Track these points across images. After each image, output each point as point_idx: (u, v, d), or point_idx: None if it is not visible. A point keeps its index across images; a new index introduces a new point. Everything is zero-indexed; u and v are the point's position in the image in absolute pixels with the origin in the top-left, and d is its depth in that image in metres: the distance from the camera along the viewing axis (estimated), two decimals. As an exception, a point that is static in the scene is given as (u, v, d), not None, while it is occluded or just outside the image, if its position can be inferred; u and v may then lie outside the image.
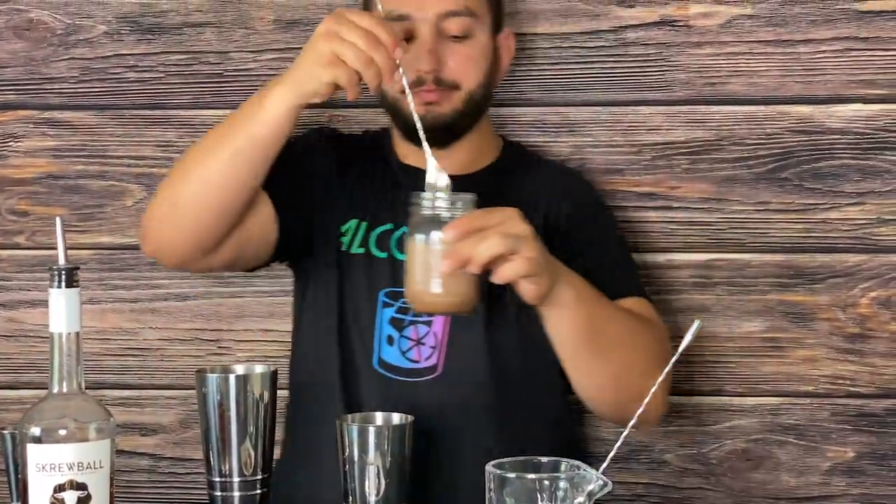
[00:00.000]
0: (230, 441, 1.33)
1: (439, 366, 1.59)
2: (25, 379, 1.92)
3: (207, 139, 1.55)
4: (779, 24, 1.78)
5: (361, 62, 1.40)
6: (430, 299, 1.35)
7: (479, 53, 1.62)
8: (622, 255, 1.69)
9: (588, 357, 1.48)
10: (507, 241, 1.31)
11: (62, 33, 1.88)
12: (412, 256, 1.35)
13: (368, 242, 1.64)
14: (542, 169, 1.73)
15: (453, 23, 1.59)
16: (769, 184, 1.79)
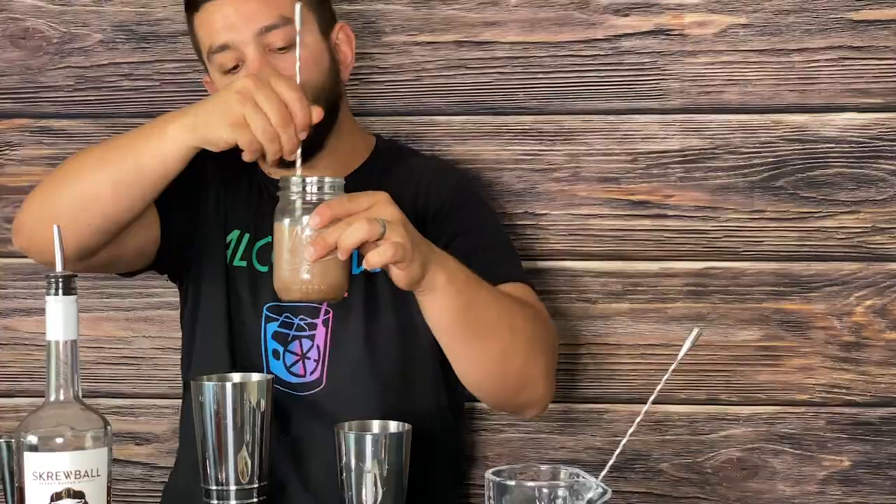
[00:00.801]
0: (226, 450, 1.32)
1: (323, 379, 1.58)
2: (21, 387, 1.91)
3: (95, 153, 1.51)
4: (773, 34, 1.78)
5: (267, 137, 1.38)
6: (298, 287, 1.32)
7: (311, 58, 1.55)
8: (499, 240, 1.65)
9: (466, 341, 1.45)
10: (374, 225, 1.29)
11: (58, 42, 1.88)
12: (279, 244, 1.33)
13: (251, 255, 1.63)
14: (412, 163, 1.69)
15: (275, 35, 1.55)
16: (764, 192, 1.79)
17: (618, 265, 1.81)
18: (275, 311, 1.60)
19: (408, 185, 1.62)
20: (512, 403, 1.58)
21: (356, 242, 1.29)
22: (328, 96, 1.58)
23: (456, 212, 1.62)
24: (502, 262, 1.60)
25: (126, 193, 1.48)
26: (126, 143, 1.48)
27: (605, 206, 1.81)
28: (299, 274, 1.31)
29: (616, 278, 1.82)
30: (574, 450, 1.84)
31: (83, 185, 1.49)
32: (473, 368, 1.48)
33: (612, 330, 1.83)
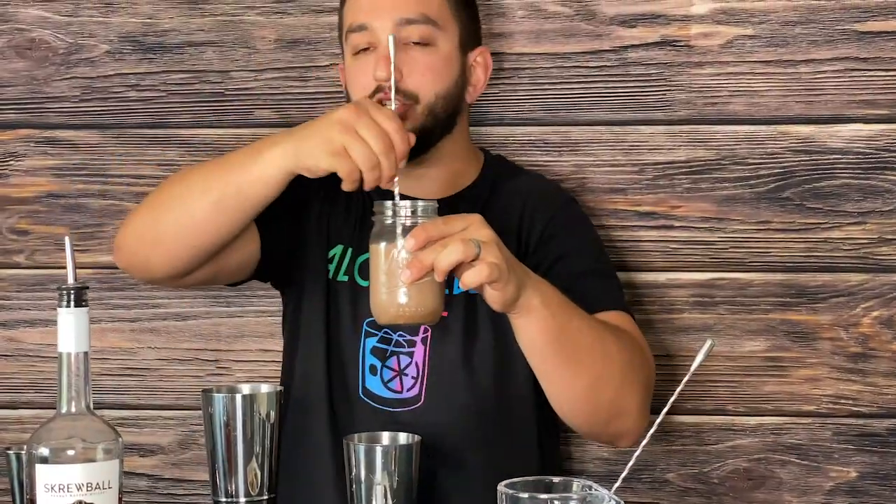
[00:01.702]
0: (236, 461, 1.32)
1: (422, 396, 1.58)
2: (25, 399, 1.91)
3: (197, 175, 1.53)
4: (780, 45, 1.78)
5: (368, 164, 1.40)
6: (395, 311, 1.33)
7: (440, 63, 1.59)
8: (600, 266, 1.65)
9: (558, 366, 1.45)
10: (469, 246, 1.30)
11: (64, 52, 1.88)
12: (374, 268, 1.34)
13: (353, 270, 1.63)
14: (518, 182, 1.69)
15: (412, 30, 1.58)
16: (770, 203, 1.79)
17: (624, 276, 1.80)
18: (374, 326, 1.59)
19: (514, 205, 1.63)
20: (604, 433, 1.57)
21: (452, 263, 1.30)
22: (444, 108, 1.59)
23: (560, 233, 1.62)
24: (603, 288, 1.60)
25: (227, 216, 1.50)
26: (227, 167, 1.50)
27: (612, 217, 1.81)
28: (396, 297, 1.32)
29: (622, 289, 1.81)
30: (581, 460, 1.84)
31: (185, 208, 1.51)
32: (565, 394, 1.48)
33: (619, 341, 1.82)
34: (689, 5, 1.79)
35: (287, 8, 1.85)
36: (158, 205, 1.55)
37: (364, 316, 1.60)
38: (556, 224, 1.63)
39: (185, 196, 1.51)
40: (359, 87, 1.58)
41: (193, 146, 1.87)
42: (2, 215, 1.90)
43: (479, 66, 1.66)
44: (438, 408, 1.57)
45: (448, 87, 1.60)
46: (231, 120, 1.87)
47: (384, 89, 1.54)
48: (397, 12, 1.58)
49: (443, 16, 1.61)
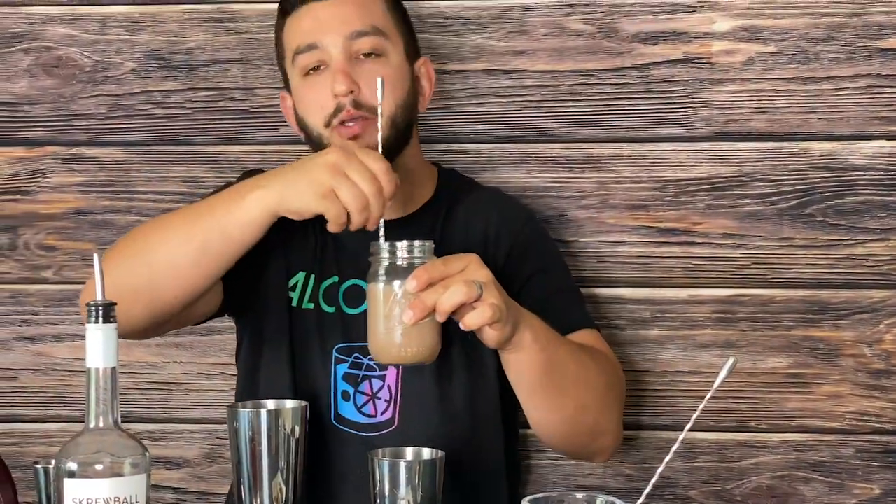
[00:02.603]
0: (261, 476, 1.33)
1: (395, 419, 1.58)
2: (52, 412, 1.92)
3: (177, 221, 1.48)
4: (801, 62, 1.79)
5: (358, 206, 1.39)
6: (396, 351, 1.34)
7: (394, 73, 1.58)
8: (567, 285, 1.66)
9: (546, 396, 1.47)
10: (472, 288, 1.31)
11: (91, 70, 1.90)
12: (373, 308, 1.34)
13: (318, 297, 1.62)
14: (477, 195, 1.69)
15: (363, 42, 1.57)
16: (793, 220, 1.80)
17: (646, 292, 1.81)
18: (344, 352, 1.59)
19: (476, 220, 1.63)
20: (583, 452, 1.61)
21: (455, 305, 1.31)
22: (403, 118, 1.59)
23: (529, 252, 1.63)
24: (573, 306, 1.63)
25: (211, 261, 1.46)
26: (209, 211, 1.46)
27: (634, 234, 1.82)
28: (395, 338, 1.33)
29: (644, 305, 1.82)
30: (602, 476, 1.84)
31: (166, 256, 1.46)
32: (549, 421, 1.50)
33: (641, 357, 1.83)
34: (711, 23, 1.80)
35: (311, 26, 1.86)
36: (134, 256, 1.48)
37: (332, 342, 1.60)
38: (523, 242, 1.64)
39: (165, 244, 1.46)
40: (315, 107, 1.57)
41: (218, 163, 1.89)
42: (30, 231, 1.92)
43: (423, 76, 1.66)
44: (412, 430, 1.57)
45: (404, 97, 1.60)
46: (255, 137, 1.88)
47: (344, 107, 1.54)
48: (346, 26, 1.57)
49: (388, 27, 1.61)
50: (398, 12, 1.65)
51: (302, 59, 1.59)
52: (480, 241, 1.61)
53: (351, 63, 1.57)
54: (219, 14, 1.87)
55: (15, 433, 1.93)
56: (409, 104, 1.61)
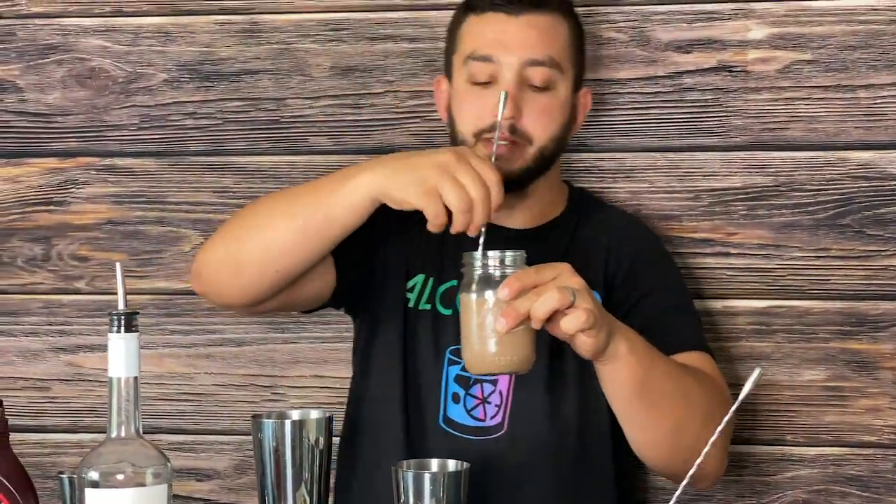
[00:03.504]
0: (285, 487, 1.32)
1: (504, 424, 1.57)
2: (84, 423, 1.93)
3: (282, 200, 1.53)
4: (838, 70, 1.76)
5: (463, 206, 1.40)
6: (490, 360, 1.32)
7: (557, 107, 1.60)
8: (683, 305, 1.65)
9: (641, 411, 1.45)
10: (565, 294, 1.30)
11: (123, 81, 1.91)
12: (466, 318, 1.33)
13: (435, 299, 1.63)
14: (602, 214, 1.70)
15: (537, 72, 1.58)
16: (829, 230, 1.77)
17: (680, 303, 1.79)
18: (457, 354, 1.58)
19: (600, 237, 1.64)
20: (683, 474, 1.56)
21: (549, 311, 1.30)
22: (552, 150, 1.61)
23: (646, 269, 1.63)
24: (685, 327, 1.61)
25: (311, 241, 1.50)
26: (313, 192, 1.50)
27: (667, 244, 1.79)
28: (489, 347, 1.32)
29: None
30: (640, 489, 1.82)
31: (271, 232, 1.51)
32: (645, 438, 1.48)
33: (675, 369, 1.80)
34: (746, 31, 1.78)
35: (342, 35, 1.86)
36: (240, 231, 1.55)
37: (446, 344, 1.60)
38: (641, 260, 1.64)
39: (270, 222, 1.52)
40: (472, 116, 1.58)
41: (249, 173, 1.89)
42: (63, 242, 1.93)
43: (580, 105, 1.67)
44: (520, 436, 1.56)
45: (560, 130, 1.61)
46: (286, 147, 1.88)
47: (501, 128, 1.54)
48: (526, 51, 1.58)
49: (564, 58, 1.61)
50: (578, 43, 1.65)
51: (474, 67, 1.59)
52: (602, 258, 1.62)
53: (519, 89, 1.57)
54: (250, 25, 1.88)
55: (47, 443, 1.94)
56: (562, 137, 1.63)
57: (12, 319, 1.94)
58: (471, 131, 1.58)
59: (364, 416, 1.65)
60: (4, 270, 1.93)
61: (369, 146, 1.85)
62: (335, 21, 1.85)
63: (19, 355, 1.94)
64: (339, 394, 1.85)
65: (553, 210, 1.68)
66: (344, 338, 1.86)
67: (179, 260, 1.90)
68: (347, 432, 1.69)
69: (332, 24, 1.86)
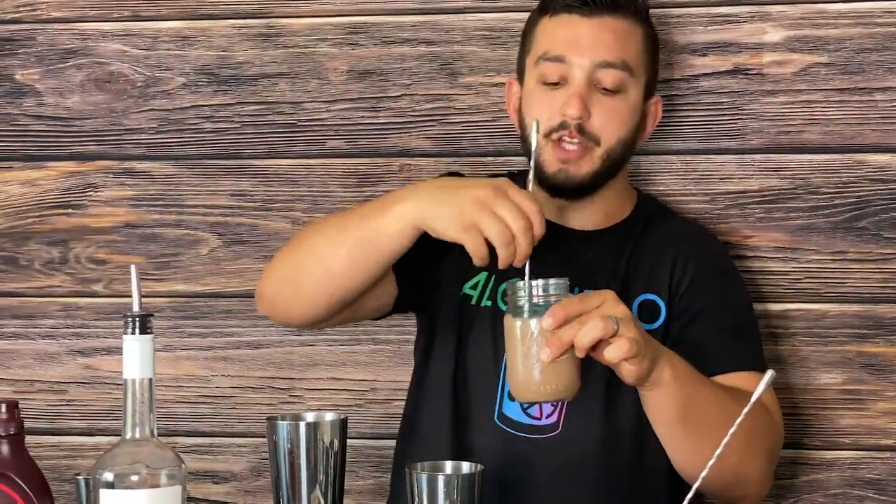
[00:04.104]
0: (300, 489, 1.33)
1: (560, 424, 1.57)
2: (101, 426, 1.94)
3: (332, 226, 1.54)
4: (855, 72, 1.76)
5: (503, 241, 1.40)
6: (536, 389, 1.33)
7: (627, 111, 1.60)
8: (745, 321, 1.64)
9: (682, 436, 1.46)
10: (608, 323, 1.30)
11: (142, 85, 1.92)
12: (511, 346, 1.34)
13: (496, 296, 1.62)
14: (669, 224, 1.69)
15: (608, 74, 1.57)
16: (846, 233, 1.76)
17: (696, 306, 1.78)
18: None
19: (667, 246, 1.63)
20: (725, 496, 1.59)
21: (593, 340, 1.30)
22: (619, 156, 1.60)
23: (709, 282, 1.62)
24: (740, 346, 1.60)
25: (361, 266, 1.51)
26: (359, 220, 1.51)
27: (684, 247, 1.79)
28: (534, 375, 1.32)
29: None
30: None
31: (321, 260, 1.53)
32: (687, 461, 1.48)
33: (691, 372, 1.80)
34: (762, 33, 1.78)
35: (359, 39, 1.86)
36: (296, 256, 1.57)
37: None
38: (705, 272, 1.63)
39: (321, 248, 1.53)
40: (541, 117, 1.56)
41: (266, 176, 1.89)
42: (80, 245, 1.94)
43: (651, 114, 1.67)
44: (575, 437, 1.56)
45: (627, 135, 1.61)
46: (303, 151, 1.89)
47: (569, 127, 1.55)
48: (599, 53, 1.58)
49: (637, 63, 1.61)
50: (652, 49, 1.65)
51: (545, 68, 1.59)
52: (668, 266, 1.61)
53: (589, 89, 1.57)
54: (267, 29, 1.88)
55: (64, 446, 1.95)
56: (629, 141, 1.62)
57: (30, 322, 1.95)
58: (541, 131, 1.57)
59: (418, 412, 1.65)
60: (22, 273, 1.94)
61: (386, 149, 1.86)
62: (352, 25, 1.86)
63: (36, 358, 1.95)
64: (356, 396, 1.86)
65: (619, 213, 1.67)
66: (360, 340, 1.87)
67: (197, 263, 1.91)
68: (404, 431, 1.68)
69: (350, 28, 1.86)
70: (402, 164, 1.86)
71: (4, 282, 1.95)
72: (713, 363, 1.52)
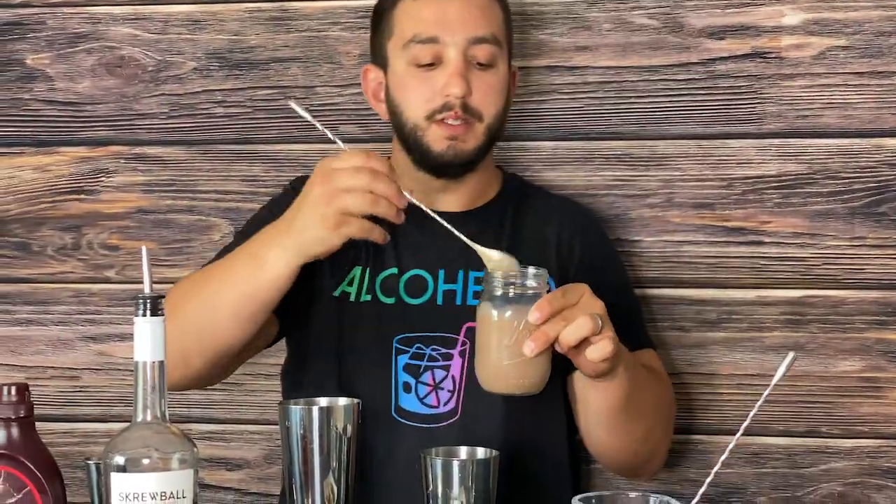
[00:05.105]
0: (313, 475, 1.31)
1: (458, 409, 1.56)
2: (114, 412, 1.93)
3: (206, 291, 1.48)
4: (874, 56, 1.74)
5: (368, 204, 1.36)
6: (514, 381, 1.32)
7: (500, 84, 1.59)
8: (632, 301, 1.68)
9: (622, 423, 1.48)
10: (596, 322, 1.30)
11: (153, 70, 1.91)
12: (485, 337, 1.33)
13: (374, 288, 1.60)
14: (546, 202, 1.69)
15: (480, 50, 1.57)
16: (865, 218, 1.74)
17: (713, 293, 1.77)
18: (405, 342, 1.57)
19: (549, 225, 1.63)
20: (631, 472, 1.64)
21: (579, 339, 1.30)
22: (498, 127, 1.60)
23: (598, 264, 1.63)
24: (639, 325, 1.65)
25: (247, 320, 1.47)
26: (232, 279, 1.46)
27: (700, 233, 1.77)
28: (511, 368, 1.31)
29: (711, 306, 1.78)
30: (668, 482, 1.80)
31: (204, 325, 1.47)
32: (615, 445, 1.51)
33: (707, 359, 1.78)
34: (781, 16, 1.76)
35: (372, 23, 1.85)
36: (177, 318, 1.44)
37: (392, 334, 1.57)
38: (593, 254, 1.64)
39: (201, 314, 1.47)
40: (420, 100, 1.56)
41: (279, 162, 1.88)
42: (93, 231, 1.93)
43: (512, 83, 1.66)
44: (475, 422, 1.55)
45: (503, 105, 1.61)
46: (316, 135, 1.86)
47: (452, 107, 1.55)
48: (470, 30, 1.57)
49: (502, 35, 1.61)
50: (510, 21, 1.65)
51: (417, 50, 1.58)
52: (554, 247, 1.62)
53: (466, 66, 1.57)
54: (279, 12, 1.87)
55: (77, 433, 1.94)
56: (504, 113, 1.62)
57: (42, 308, 1.94)
58: (422, 115, 1.56)
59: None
60: (34, 259, 1.93)
61: (399, 134, 1.84)
62: (364, 8, 1.84)
63: (49, 344, 1.94)
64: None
65: (488, 193, 1.66)
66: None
67: (209, 249, 1.90)
68: None
69: (362, 12, 1.85)
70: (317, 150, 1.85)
71: (17, 268, 1.94)
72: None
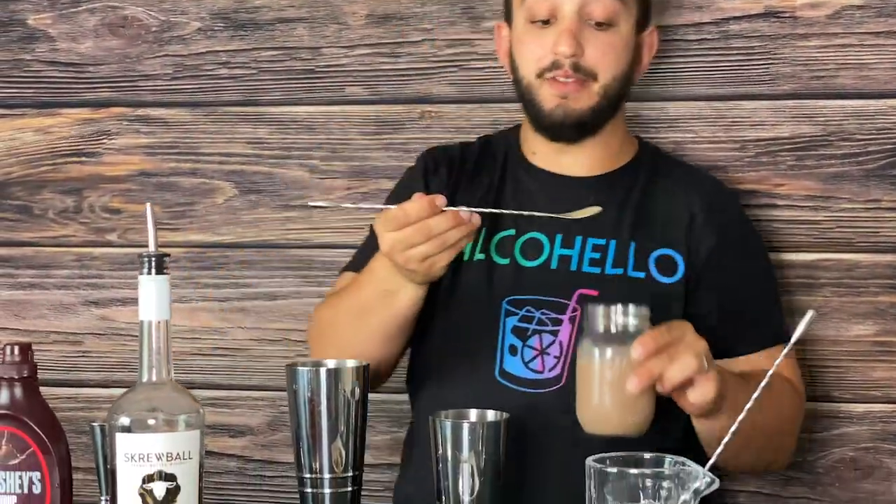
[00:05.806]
0: (321, 438, 1.29)
1: (563, 377, 1.52)
2: (117, 377, 1.91)
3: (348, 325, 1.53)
4: (891, 15, 1.71)
5: (450, 255, 1.40)
6: (617, 421, 1.28)
7: (620, 44, 1.56)
8: (769, 291, 1.62)
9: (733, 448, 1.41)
10: (701, 362, 1.28)
11: (156, 30, 1.88)
12: (587, 375, 1.30)
13: (489, 248, 1.58)
14: (682, 176, 1.64)
15: (598, 7, 1.53)
16: (880, 181, 1.72)
17: (725, 257, 1.74)
18: (515, 304, 1.54)
19: (680, 199, 1.59)
20: (757, 473, 1.67)
21: (685, 378, 1.28)
22: (616, 91, 1.57)
23: (736, 253, 1.58)
24: (768, 325, 1.59)
25: (396, 335, 1.53)
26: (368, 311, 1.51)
27: (712, 196, 1.74)
28: (614, 406, 1.28)
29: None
30: (678, 448, 1.78)
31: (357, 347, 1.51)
32: (730, 463, 1.50)
33: (719, 324, 1.76)
34: (795, -25, 1.73)
35: (378, -18, 1.82)
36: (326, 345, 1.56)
37: (502, 295, 1.55)
38: (730, 241, 1.58)
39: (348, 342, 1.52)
40: (532, 57, 1.54)
41: (284, 124, 1.85)
42: (95, 194, 1.90)
43: (646, 45, 1.63)
44: None
45: (624, 68, 1.57)
46: (322, 97, 1.84)
47: (562, 66, 1.52)
48: None
49: None
50: None
51: (533, 5, 1.55)
52: (685, 221, 1.57)
53: (580, 25, 1.53)
54: (284, -29, 1.84)
55: (80, 398, 1.92)
56: (626, 76, 1.58)
57: (44, 272, 1.92)
58: (533, 72, 1.54)
59: (422, 375, 1.61)
60: (36, 223, 1.91)
61: (406, 96, 1.82)
62: (371, -33, 1.82)
63: (51, 309, 1.92)
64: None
65: (619, 159, 1.62)
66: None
67: (213, 212, 1.88)
68: (412, 396, 1.64)
69: (368, -29, 1.82)
70: (423, 110, 1.82)
71: (19, 231, 1.92)
72: (738, 347, 1.52)
